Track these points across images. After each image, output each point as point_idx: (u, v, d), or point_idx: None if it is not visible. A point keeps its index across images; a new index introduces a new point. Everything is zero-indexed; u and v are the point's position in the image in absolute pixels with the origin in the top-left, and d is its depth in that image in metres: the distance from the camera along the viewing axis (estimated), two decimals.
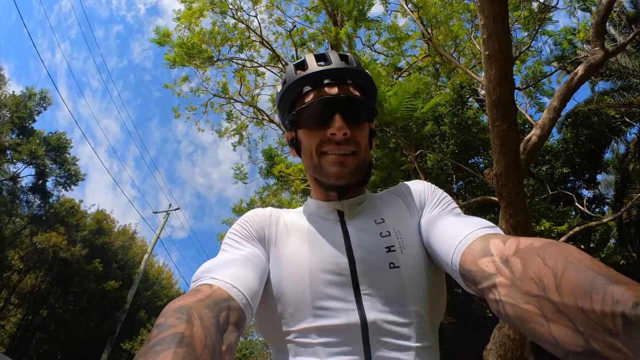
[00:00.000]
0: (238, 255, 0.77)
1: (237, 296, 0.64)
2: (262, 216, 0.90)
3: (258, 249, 0.81)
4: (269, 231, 0.87)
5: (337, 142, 0.81)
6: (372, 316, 0.71)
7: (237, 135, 12.01)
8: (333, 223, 0.87)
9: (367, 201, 0.92)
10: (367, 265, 0.76)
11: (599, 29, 3.61)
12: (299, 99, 0.88)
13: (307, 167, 0.90)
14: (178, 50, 9.27)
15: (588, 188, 10.86)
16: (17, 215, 18.13)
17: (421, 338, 0.72)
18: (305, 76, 0.85)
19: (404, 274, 0.75)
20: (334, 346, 0.70)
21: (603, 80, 12.02)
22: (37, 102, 18.33)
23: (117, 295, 19.11)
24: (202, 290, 0.63)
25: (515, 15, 7.36)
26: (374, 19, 8.84)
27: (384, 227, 0.82)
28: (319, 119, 0.82)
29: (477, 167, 9.10)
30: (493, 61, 2.51)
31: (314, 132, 0.84)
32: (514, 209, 3.01)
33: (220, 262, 0.73)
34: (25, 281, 18.88)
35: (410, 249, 0.79)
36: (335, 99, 0.82)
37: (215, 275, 0.68)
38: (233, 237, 0.83)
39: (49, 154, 18.28)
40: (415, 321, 0.72)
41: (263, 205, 13.00)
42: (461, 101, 8.45)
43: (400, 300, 0.73)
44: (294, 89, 0.87)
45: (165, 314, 0.55)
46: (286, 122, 0.91)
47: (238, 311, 0.63)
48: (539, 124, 3.54)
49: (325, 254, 0.79)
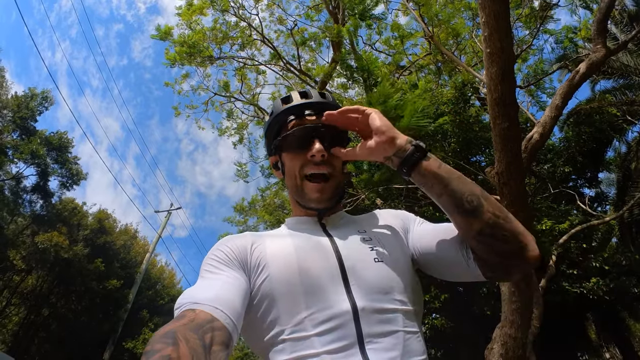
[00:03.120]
0: (218, 280, 0.78)
1: (220, 317, 0.66)
2: (241, 240, 0.91)
3: (237, 272, 0.82)
4: (253, 252, 0.88)
5: (316, 164, 0.93)
6: (361, 304, 0.76)
7: (238, 134, 12.02)
8: (317, 231, 0.95)
9: (347, 217, 1.04)
10: (354, 260, 0.84)
11: (601, 27, 3.60)
12: (283, 127, 1.00)
13: (289, 188, 1.01)
14: (179, 49, 9.27)
15: (590, 187, 10.84)
16: (19, 215, 18.18)
17: (407, 324, 0.78)
18: (290, 107, 0.99)
19: (388, 267, 0.84)
20: (328, 333, 0.73)
21: (605, 78, 11.97)
22: (39, 102, 18.38)
23: (119, 295, 19.15)
24: (185, 316, 0.64)
25: (517, 13, 7.35)
26: (377, 16, 8.83)
27: (366, 235, 0.92)
28: (301, 143, 0.95)
29: (478, 165, 9.07)
30: (494, 59, 2.49)
31: (296, 155, 0.96)
32: (515, 207, 3.00)
33: (201, 287, 0.75)
34: (27, 281, 18.94)
35: (391, 250, 0.89)
36: (314, 127, 0.95)
37: (197, 300, 0.69)
38: (212, 263, 0.84)
39: (51, 154, 18.32)
40: (401, 308, 0.79)
41: (265, 204, 13.03)
42: (463, 99, 8.42)
43: (386, 289, 0.80)
44: (280, 118, 1.00)
45: (151, 342, 0.56)
46: (272, 147, 1.03)
47: (224, 331, 0.64)
48: (540, 123, 3.52)
49: (313, 253, 0.85)
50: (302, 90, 1.03)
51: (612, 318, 12.54)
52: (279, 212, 12.29)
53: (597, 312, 12.59)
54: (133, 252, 24.01)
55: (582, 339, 12.60)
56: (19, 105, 17.55)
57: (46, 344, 19.47)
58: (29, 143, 17.16)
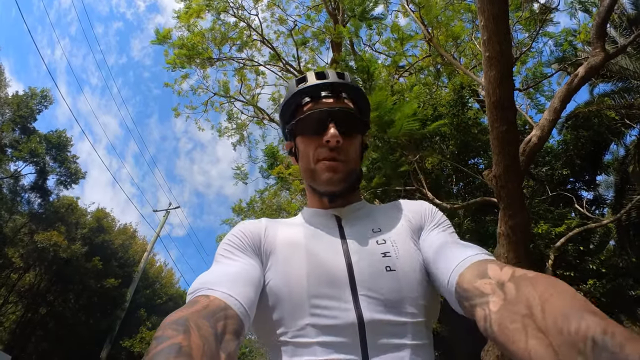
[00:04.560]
0: (233, 266, 0.78)
1: (234, 305, 0.65)
2: (257, 227, 0.90)
3: (252, 259, 0.82)
4: (266, 240, 0.87)
5: (330, 149, 0.88)
6: (368, 315, 0.73)
7: (238, 134, 12.02)
8: (331, 228, 0.90)
9: (365, 209, 0.97)
10: (364, 268, 0.79)
11: (600, 30, 3.61)
12: (298, 109, 0.95)
13: (303, 172, 0.96)
14: (178, 52, 9.26)
15: (588, 189, 10.85)
16: (17, 213, 18.15)
17: (416, 337, 0.74)
18: (305, 88, 0.93)
19: (400, 277, 0.78)
20: (331, 344, 0.71)
21: (603, 82, 11.99)
22: (38, 101, 18.38)
23: (117, 293, 19.14)
24: (199, 302, 0.64)
25: (517, 16, 7.35)
26: (377, 17, 8.83)
27: (380, 236, 0.86)
28: (316, 127, 0.90)
29: (476, 168, 9.09)
30: (493, 62, 2.51)
31: (311, 140, 0.91)
32: (513, 210, 3.01)
33: (215, 273, 0.74)
34: (24, 278, 18.90)
35: (405, 256, 0.82)
36: (330, 110, 0.89)
37: (211, 286, 0.68)
38: (227, 248, 0.84)
39: (50, 152, 18.30)
40: (411, 321, 0.75)
41: (263, 205, 13.00)
42: (461, 102, 8.44)
43: (397, 301, 0.76)
44: (294, 100, 0.95)
45: (162, 327, 0.55)
46: (286, 132, 0.99)
47: (236, 320, 0.64)
48: (539, 125, 3.54)
49: (323, 257, 0.81)
50: (319, 71, 0.97)
51: None
52: (276, 214, 12.28)
53: None
54: (131, 251, 23.97)
55: None
56: (18, 104, 17.54)
57: (43, 342, 19.44)
58: (28, 141, 17.15)
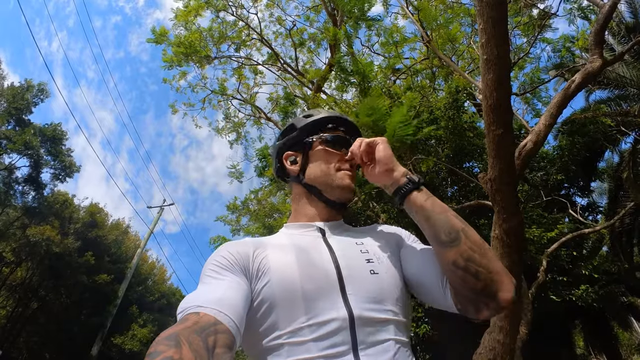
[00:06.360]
0: (221, 285, 0.79)
1: (224, 320, 0.67)
2: (243, 246, 0.92)
3: (239, 277, 0.83)
4: (255, 257, 0.89)
5: (350, 165, 1.07)
6: (357, 312, 0.80)
7: (235, 132, 11.98)
8: (317, 237, 0.99)
9: (345, 227, 1.09)
10: (352, 271, 0.88)
11: (598, 37, 3.62)
12: (323, 128, 1.12)
13: (315, 179, 1.07)
14: (175, 50, 9.20)
15: (582, 195, 10.89)
16: (10, 206, 18.01)
17: (399, 333, 0.82)
18: (332, 117, 1.14)
19: (382, 280, 0.88)
20: (324, 339, 0.76)
21: (600, 89, 12.07)
22: (34, 94, 18.24)
23: (109, 289, 19.03)
24: (189, 319, 0.66)
25: (516, 21, 7.37)
26: (374, 18, 8.82)
27: (363, 246, 0.97)
28: (341, 146, 1.09)
29: (471, 171, 9.11)
30: (491, 66, 2.51)
31: (336, 153, 1.08)
32: (507, 214, 3.01)
33: (203, 292, 0.76)
34: (16, 273, 18.77)
35: (386, 264, 0.93)
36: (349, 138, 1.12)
37: (201, 303, 0.70)
38: (214, 269, 0.84)
39: (44, 145, 18.18)
40: (394, 319, 0.83)
41: (259, 204, 12.98)
42: (457, 105, 8.45)
43: (380, 300, 0.84)
44: (322, 120, 1.13)
45: (154, 344, 0.58)
46: (304, 141, 1.12)
47: (227, 334, 0.66)
48: (534, 130, 3.54)
49: (313, 262, 0.88)
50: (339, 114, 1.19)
51: (601, 326, 12.63)
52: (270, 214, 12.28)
53: (585, 321, 12.68)
54: (124, 247, 23.89)
55: (570, 347, 12.68)
56: (14, 96, 17.40)
57: (34, 337, 19.32)
58: (22, 134, 17.02)
